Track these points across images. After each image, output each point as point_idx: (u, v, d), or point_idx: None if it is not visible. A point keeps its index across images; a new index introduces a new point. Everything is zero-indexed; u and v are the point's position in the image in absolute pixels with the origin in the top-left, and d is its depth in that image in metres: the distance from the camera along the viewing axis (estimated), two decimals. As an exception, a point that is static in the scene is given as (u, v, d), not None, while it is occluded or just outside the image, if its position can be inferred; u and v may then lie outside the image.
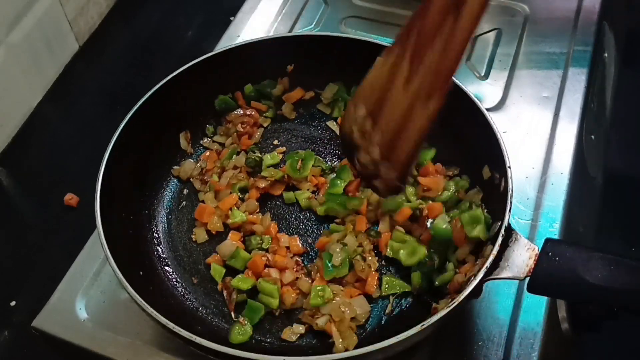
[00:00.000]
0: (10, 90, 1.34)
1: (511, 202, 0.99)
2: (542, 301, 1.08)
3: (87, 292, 1.12)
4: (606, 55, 1.48)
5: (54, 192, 1.28)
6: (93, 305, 1.10)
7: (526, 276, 0.93)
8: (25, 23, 1.34)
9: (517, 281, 1.09)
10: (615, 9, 1.55)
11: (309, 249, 1.14)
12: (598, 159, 1.39)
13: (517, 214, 1.17)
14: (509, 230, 0.96)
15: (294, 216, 1.19)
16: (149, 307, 0.93)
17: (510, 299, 1.09)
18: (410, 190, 1.14)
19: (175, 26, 1.60)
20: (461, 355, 1.05)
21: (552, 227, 1.16)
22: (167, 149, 1.24)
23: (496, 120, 1.08)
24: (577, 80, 1.36)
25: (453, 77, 0.87)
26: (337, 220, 1.15)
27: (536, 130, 1.29)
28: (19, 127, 1.38)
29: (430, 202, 1.13)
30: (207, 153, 1.25)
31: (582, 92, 1.35)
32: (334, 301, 1.04)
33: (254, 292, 1.08)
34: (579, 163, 1.26)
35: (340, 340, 1.01)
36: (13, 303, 1.16)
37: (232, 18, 1.53)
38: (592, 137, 1.36)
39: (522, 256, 0.94)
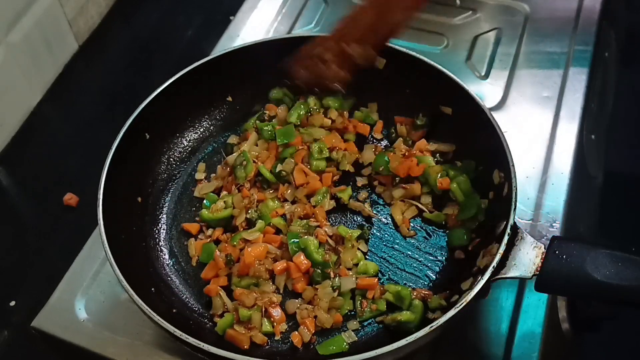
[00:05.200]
0: (10, 90, 1.34)
1: (516, 201, 0.98)
2: (542, 301, 1.08)
3: (87, 292, 1.12)
4: (607, 55, 1.48)
5: (54, 192, 1.28)
6: (93, 305, 1.10)
7: (534, 275, 0.93)
8: (24, 23, 1.34)
9: (518, 281, 1.09)
10: (616, 8, 1.55)
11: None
12: (598, 158, 1.39)
13: (518, 214, 1.17)
14: (515, 229, 0.96)
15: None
16: (154, 313, 0.93)
17: (510, 299, 1.09)
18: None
19: (175, 26, 1.60)
20: (461, 355, 1.05)
21: (552, 227, 1.16)
22: (169, 154, 1.24)
23: (497, 120, 1.08)
24: (578, 80, 1.36)
25: None
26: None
27: (536, 130, 1.29)
28: (18, 127, 1.38)
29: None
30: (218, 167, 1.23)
31: (583, 92, 1.35)
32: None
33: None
34: (579, 163, 1.26)
35: None
36: (13, 303, 1.16)
37: (232, 18, 1.53)
38: (593, 137, 1.36)
39: (529, 255, 0.94)
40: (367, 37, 1.12)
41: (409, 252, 1.12)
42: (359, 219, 1.17)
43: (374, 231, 1.15)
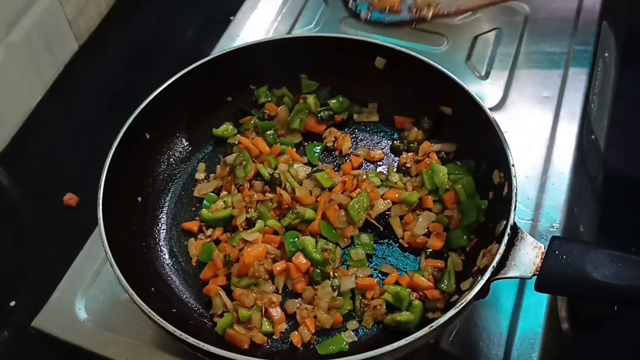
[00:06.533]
0: (10, 90, 1.34)
1: (516, 200, 0.98)
2: (542, 301, 1.08)
3: (87, 292, 1.12)
4: (606, 55, 1.48)
5: (54, 192, 1.28)
6: (93, 306, 1.10)
7: (534, 275, 0.93)
8: (24, 23, 1.34)
9: (518, 281, 1.09)
10: (616, 8, 1.55)
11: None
12: (598, 159, 1.39)
13: (518, 214, 1.16)
14: (515, 229, 0.96)
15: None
16: (154, 313, 0.93)
17: (510, 299, 1.09)
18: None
19: (175, 26, 1.60)
20: (461, 355, 1.05)
21: (552, 227, 1.16)
22: (169, 153, 1.24)
23: (497, 120, 1.08)
24: (578, 80, 1.36)
25: None
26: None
27: (536, 130, 1.29)
28: (18, 127, 1.38)
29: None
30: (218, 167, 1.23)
31: (583, 92, 1.34)
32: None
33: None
34: (579, 163, 1.26)
35: None
36: (13, 303, 1.16)
37: (232, 18, 1.53)
38: (593, 137, 1.36)
39: (529, 255, 0.94)
40: None
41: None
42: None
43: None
